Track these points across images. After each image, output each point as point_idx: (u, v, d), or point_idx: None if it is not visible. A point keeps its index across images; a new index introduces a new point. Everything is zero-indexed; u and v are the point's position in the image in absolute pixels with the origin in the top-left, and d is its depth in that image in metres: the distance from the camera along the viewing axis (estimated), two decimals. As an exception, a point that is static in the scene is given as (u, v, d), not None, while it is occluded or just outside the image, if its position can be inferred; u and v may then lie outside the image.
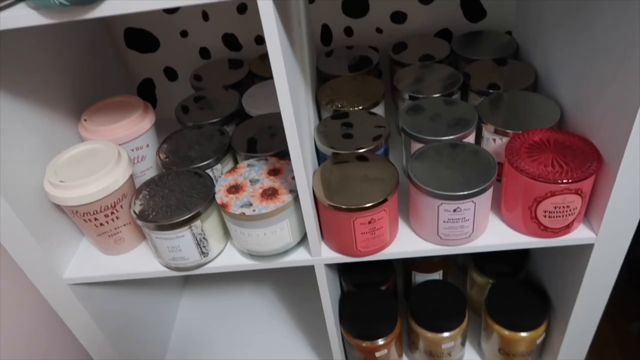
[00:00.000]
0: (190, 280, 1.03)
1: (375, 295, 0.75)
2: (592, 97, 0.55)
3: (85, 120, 0.66)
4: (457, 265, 0.91)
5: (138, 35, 0.83)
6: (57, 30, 0.67)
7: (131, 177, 0.60)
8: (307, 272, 0.71)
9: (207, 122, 0.70)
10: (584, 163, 0.53)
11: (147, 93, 0.90)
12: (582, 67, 0.57)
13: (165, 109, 0.90)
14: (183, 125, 0.72)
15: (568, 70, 0.61)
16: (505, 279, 0.76)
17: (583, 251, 0.59)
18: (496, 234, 0.58)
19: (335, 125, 0.64)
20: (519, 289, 0.74)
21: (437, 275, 0.81)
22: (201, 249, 0.58)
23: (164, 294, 0.92)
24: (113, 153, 0.59)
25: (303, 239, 0.60)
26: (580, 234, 0.57)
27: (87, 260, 0.64)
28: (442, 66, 0.73)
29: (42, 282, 0.61)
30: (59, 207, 0.60)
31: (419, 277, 0.80)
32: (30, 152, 0.59)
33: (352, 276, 0.78)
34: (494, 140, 0.61)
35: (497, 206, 0.61)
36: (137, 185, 0.62)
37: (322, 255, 0.59)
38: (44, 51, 0.63)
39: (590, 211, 0.57)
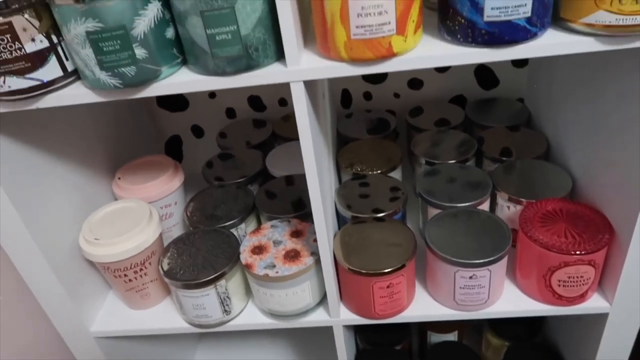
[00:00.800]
0: (206, 333, 1.03)
1: (390, 355, 0.76)
2: (601, 170, 0.58)
3: (119, 178, 0.70)
4: (473, 325, 0.91)
5: (169, 96, 0.88)
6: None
7: (160, 235, 0.63)
8: (323, 330, 0.72)
9: (232, 181, 0.74)
10: (596, 235, 0.55)
11: (174, 149, 0.94)
12: (589, 139, 0.60)
13: (190, 164, 0.94)
14: (208, 181, 0.76)
15: (577, 140, 0.64)
16: (521, 342, 0.76)
17: (598, 319, 0.60)
18: (511, 301, 0.60)
19: (354, 189, 0.67)
20: (535, 353, 0.74)
21: (453, 336, 0.81)
22: (224, 307, 0.60)
23: (179, 347, 0.92)
24: (145, 212, 0.62)
25: (322, 299, 0.62)
26: (594, 304, 0.58)
27: (114, 314, 0.66)
28: (457, 132, 0.76)
29: (70, 335, 0.64)
30: (90, 262, 0.63)
31: (435, 337, 0.81)
32: (69, 208, 0.62)
33: (367, 335, 0.79)
34: (508, 207, 0.64)
35: (512, 271, 0.62)
36: (164, 240, 0.65)
37: (340, 316, 0.61)
38: (84, 113, 0.68)
39: (604, 281, 0.58)
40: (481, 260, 0.54)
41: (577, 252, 0.53)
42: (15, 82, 0.43)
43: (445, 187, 0.65)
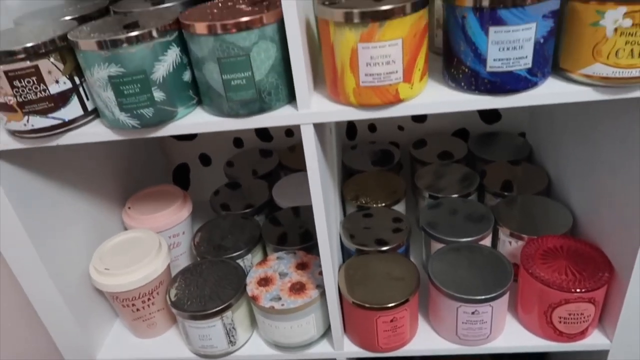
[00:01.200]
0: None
1: (393, 386, 0.76)
2: (600, 208, 0.59)
3: (129, 208, 0.71)
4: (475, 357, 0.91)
5: (179, 125, 0.90)
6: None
7: (169, 265, 0.64)
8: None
9: (238, 211, 0.75)
10: (596, 272, 0.56)
11: (181, 176, 0.96)
12: (588, 176, 0.62)
13: (197, 192, 0.95)
14: (215, 210, 0.78)
15: (577, 178, 0.65)
16: (523, 375, 0.76)
17: (599, 356, 0.61)
18: (513, 336, 0.60)
19: (359, 222, 0.69)
20: (537, 387, 0.74)
21: (455, 368, 0.81)
22: (230, 338, 0.61)
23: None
24: (154, 243, 0.63)
25: (327, 332, 0.63)
26: (595, 340, 0.59)
27: (120, 342, 0.67)
28: (460, 166, 0.78)
29: (77, 363, 0.64)
30: (98, 290, 0.64)
31: (437, 369, 0.81)
32: (80, 236, 0.64)
33: (370, 365, 0.79)
34: (510, 242, 0.65)
35: (514, 307, 0.63)
36: (172, 269, 0.67)
37: (344, 349, 0.62)
38: (97, 144, 0.70)
39: (604, 318, 0.59)
40: (483, 297, 0.55)
41: (578, 290, 0.54)
42: (38, 121, 0.45)
43: (448, 221, 0.66)
